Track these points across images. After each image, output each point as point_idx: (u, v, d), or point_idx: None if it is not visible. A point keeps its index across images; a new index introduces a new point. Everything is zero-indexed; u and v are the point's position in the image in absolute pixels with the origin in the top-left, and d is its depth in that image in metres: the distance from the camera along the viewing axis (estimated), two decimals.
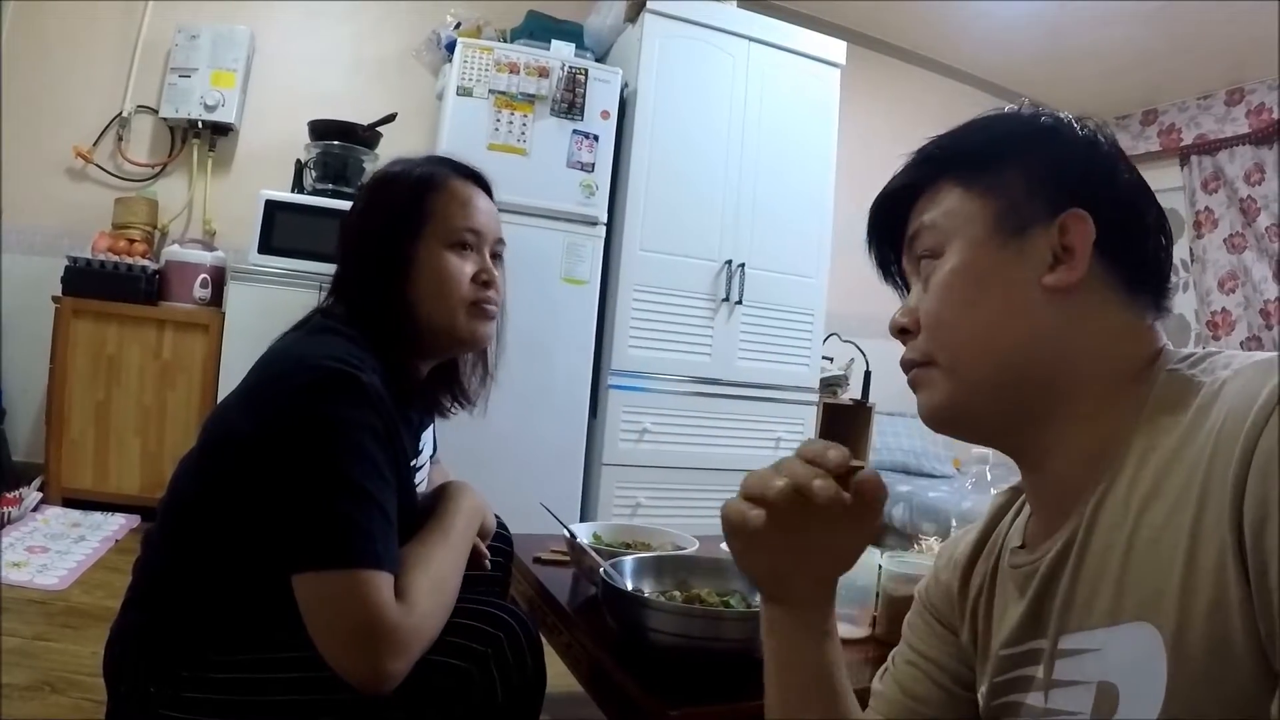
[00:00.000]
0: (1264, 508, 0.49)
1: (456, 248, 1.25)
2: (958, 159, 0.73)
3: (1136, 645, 0.56)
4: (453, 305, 1.23)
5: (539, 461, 3.31)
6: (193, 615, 1.05)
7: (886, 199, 0.78)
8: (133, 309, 3.24)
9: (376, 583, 0.95)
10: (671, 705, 1.07)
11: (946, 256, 0.71)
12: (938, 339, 0.71)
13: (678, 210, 3.58)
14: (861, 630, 1.48)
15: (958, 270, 0.70)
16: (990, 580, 0.78)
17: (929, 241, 0.72)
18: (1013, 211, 0.68)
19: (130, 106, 3.66)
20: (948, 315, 0.70)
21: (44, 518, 2.98)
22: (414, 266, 1.22)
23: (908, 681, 0.84)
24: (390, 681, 0.95)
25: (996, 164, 0.70)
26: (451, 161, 1.33)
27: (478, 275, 1.26)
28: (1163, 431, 0.60)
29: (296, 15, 3.93)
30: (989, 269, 0.69)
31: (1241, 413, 0.53)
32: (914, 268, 0.76)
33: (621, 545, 1.67)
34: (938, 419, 0.73)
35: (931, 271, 0.72)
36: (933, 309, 0.71)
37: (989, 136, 0.73)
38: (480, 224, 1.28)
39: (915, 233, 0.74)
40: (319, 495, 0.98)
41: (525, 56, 3.43)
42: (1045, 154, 0.70)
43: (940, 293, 0.70)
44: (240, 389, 1.11)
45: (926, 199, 0.74)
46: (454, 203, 1.26)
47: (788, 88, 3.81)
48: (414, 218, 1.24)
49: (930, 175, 0.74)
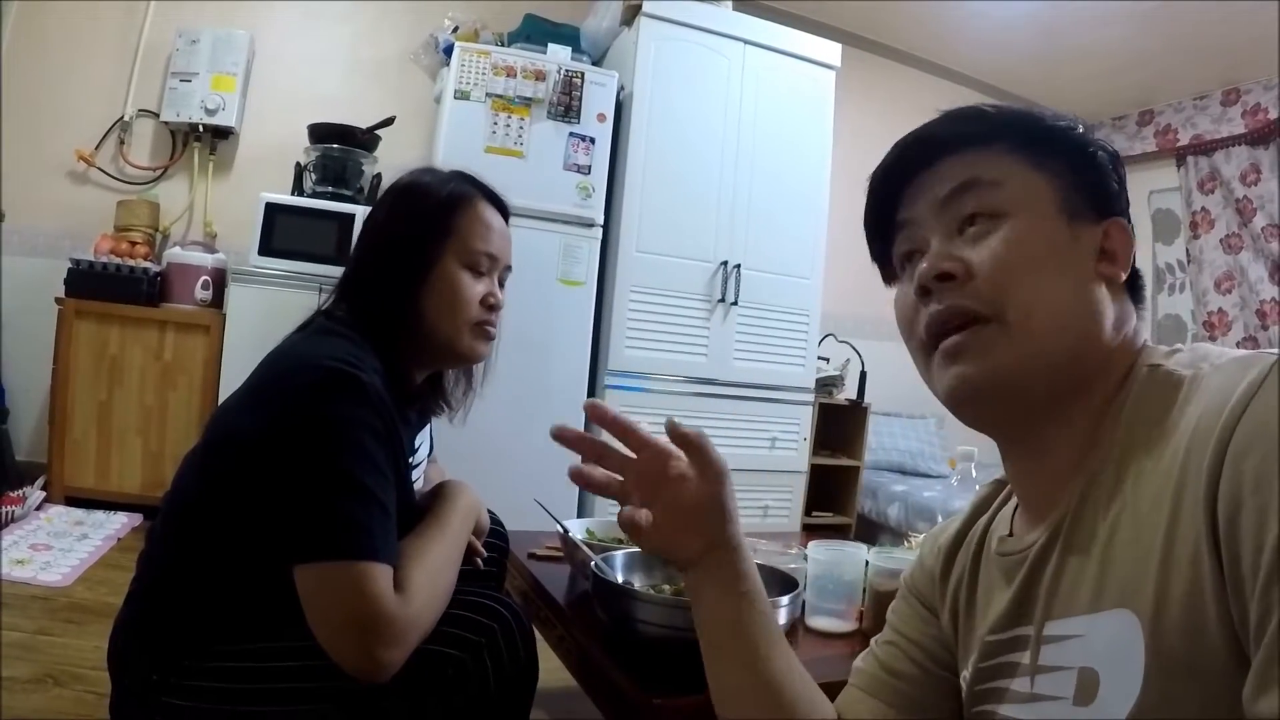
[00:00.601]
0: (1236, 498, 0.50)
1: (472, 268, 1.29)
2: (1017, 129, 0.72)
3: (1116, 631, 0.58)
4: (459, 323, 1.27)
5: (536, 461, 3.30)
6: (196, 606, 1.08)
7: (921, 144, 0.75)
8: (134, 310, 3.26)
9: (375, 574, 0.98)
10: (657, 694, 1.10)
11: (1014, 218, 0.69)
12: (1010, 292, 0.67)
13: (674, 212, 3.60)
14: (849, 624, 1.51)
15: (1031, 237, 0.68)
16: (973, 569, 0.80)
17: (992, 199, 0.69)
18: (1071, 198, 0.69)
19: (131, 110, 3.68)
20: (1023, 273, 0.67)
21: (47, 516, 3.01)
22: (430, 278, 1.26)
23: (887, 658, 0.86)
24: (387, 670, 0.98)
25: (1053, 149, 0.71)
26: (479, 183, 1.37)
27: (486, 298, 1.30)
28: (1145, 425, 0.62)
29: (295, 19, 3.96)
30: (1059, 245, 0.68)
31: (1217, 407, 0.54)
32: (945, 222, 0.72)
33: (613, 540, 1.69)
34: (993, 386, 0.68)
35: (990, 230, 0.69)
36: (1004, 262, 0.67)
37: (1043, 123, 0.73)
38: (497, 249, 1.33)
39: (966, 184, 0.70)
40: (321, 491, 1.00)
41: (522, 60, 3.46)
42: (1090, 158, 0.71)
43: (1013, 250, 0.67)
44: (244, 388, 1.14)
45: (975, 156, 0.71)
46: (479, 224, 1.31)
47: (783, 90, 3.83)
48: (439, 231, 1.28)
49: (984, 134, 0.72)
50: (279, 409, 1.05)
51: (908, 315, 0.75)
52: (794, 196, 3.81)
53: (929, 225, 0.73)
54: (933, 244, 0.72)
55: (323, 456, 1.01)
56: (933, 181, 0.73)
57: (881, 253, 0.80)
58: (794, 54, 3.86)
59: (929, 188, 0.73)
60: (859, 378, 4.24)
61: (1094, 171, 0.71)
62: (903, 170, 0.75)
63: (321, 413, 1.03)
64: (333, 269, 2.26)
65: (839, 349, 4.31)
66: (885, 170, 0.77)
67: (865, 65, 4.85)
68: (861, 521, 4.29)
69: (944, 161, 0.72)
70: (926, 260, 0.71)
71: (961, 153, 0.72)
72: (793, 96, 3.85)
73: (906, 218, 0.75)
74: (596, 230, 3.54)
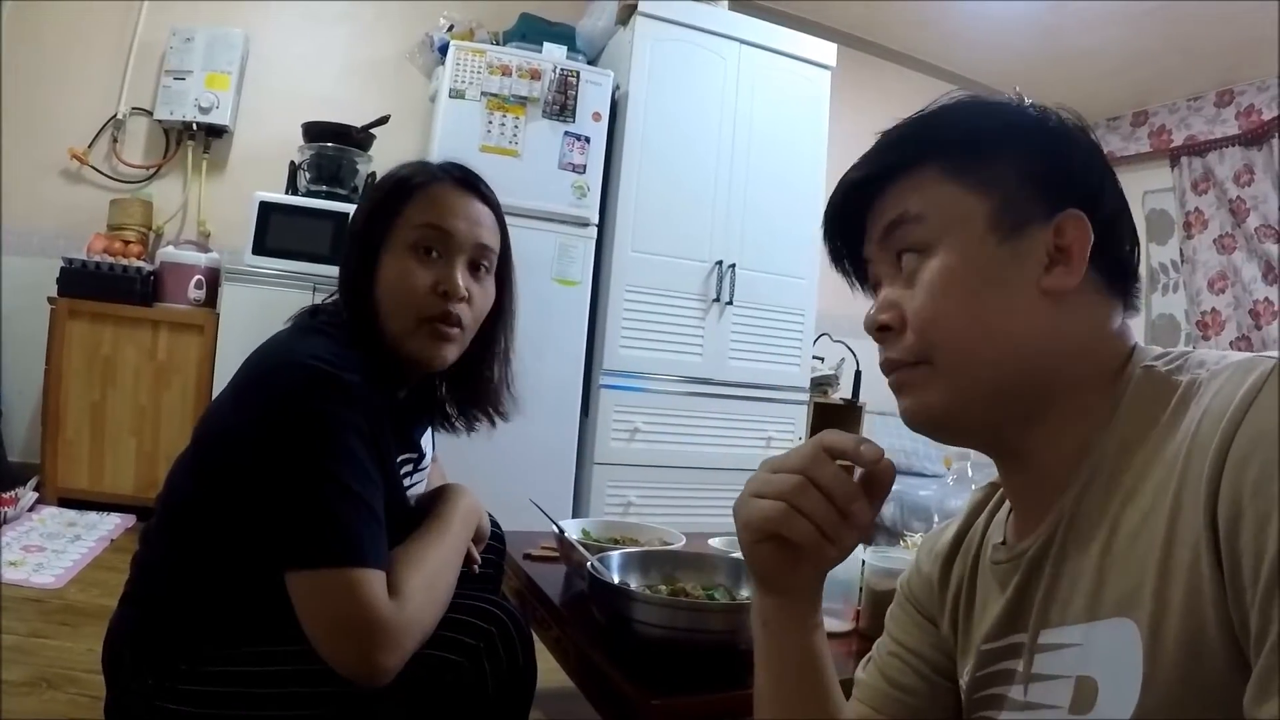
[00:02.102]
0: (1237, 504, 0.49)
1: (419, 251, 1.17)
2: (945, 145, 0.69)
3: (1115, 640, 0.57)
4: (408, 319, 1.16)
5: (531, 461, 3.32)
6: (190, 609, 1.07)
7: (853, 186, 0.72)
8: (128, 310, 3.25)
9: (366, 579, 0.96)
10: (655, 695, 1.10)
11: (938, 252, 0.67)
12: (933, 338, 0.67)
13: (669, 211, 3.61)
14: (846, 624, 1.51)
15: (954, 269, 0.66)
16: (970, 575, 0.79)
17: (916, 234, 0.68)
18: (1008, 208, 0.66)
19: (125, 109, 3.67)
20: (945, 315, 0.66)
21: (40, 517, 2.99)
22: (379, 270, 1.17)
23: (890, 671, 0.85)
24: (384, 675, 0.97)
25: (989, 155, 0.67)
26: (446, 165, 1.25)
27: (436, 285, 1.17)
28: (1140, 429, 0.61)
29: (291, 18, 3.95)
30: (987, 269, 0.66)
31: (1218, 412, 0.53)
32: (887, 260, 0.71)
33: (609, 541, 1.69)
34: (930, 422, 0.70)
35: (918, 267, 0.68)
36: (926, 307, 0.67)
37: (979, 124, 0.70)
38: (449, 225, 1.18)
39: (894, 222, 0.69)
40: (306, 495, 0.99)
41: (517, 59, 3.46)
42: (1038, 148, 0.67)
43: (934, 291, 0.67)
44: (229, 388, 1.12)
45: (905, 186, 0.69)
46: (426, 201, 1.19)
47: (778, 90, 3.83)
48: (383, 217, 1.18)
49: (909, 159, 0.69)
50: (261, 411, 1.03)
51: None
52: (789, 196, 3.81)
53: (876, 261, 0.73)
54: (880, 281, 0.73)
55: (307, 459, 0.99)
56: (872, 219, 0.72)
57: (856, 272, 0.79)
58: (789, 54, 3.87)
59: (870, 226, 0.73)
60: (854, 377, 4.26)
61: (1042, 161, 0.67)
62: (848, 214, 0.75)
63: (303, 414, 1.00)
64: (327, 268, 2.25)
65: (834, 348, 4.31)
66: (831, 218, 0.76)
67: (860, 65, 4.85)
68: None
69: (884, 195, 0.71)
70: (871, 307, 0.72)
71: (897, 181, 0.70)
72: (788, 96, 3.86)
73: (866, 255, 0.75)
74: (591, 230, 3.54)
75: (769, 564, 0.73)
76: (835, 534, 0.68)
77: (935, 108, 0.72)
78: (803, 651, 0.76)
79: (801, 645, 0.76)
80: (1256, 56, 4.35)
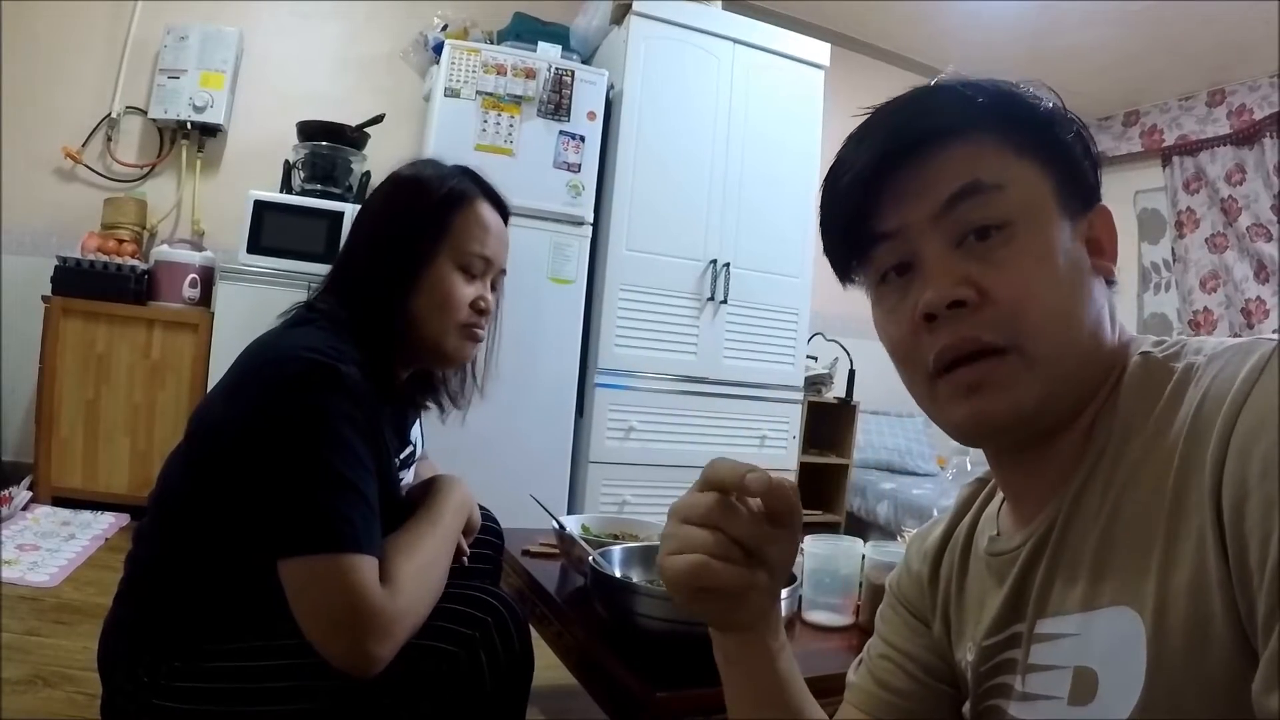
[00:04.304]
0: (1243, 487, 0.48)
1: (465, 270, 1.27)
2: (1005, 115, 0.65)
3: (1116, 629, 0.56)
4: (447, 324, 1.26)
5: (526, 460, 3.33)
6: (184, 606, 1.08)
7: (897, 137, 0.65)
8: (122, 309, 3.23)
9: (359, 566, 0.97)
10: (659, 688, 1.10)
11: (1023, 228, 0.62)
12: (1028, 322, 0.61)
13: (663, 210, 3.61)
14: (845, 618, 1.51)
15: (1046, 246, 0.62)
16: (960, 571, 0.78)
17: (995, 207, 0.62)
18: (1066, 190, 0.64)
19: (119, 107, 3.65)
20: (1043, 296, 0.61)
21: (34, 516, 2.98)
22: (422, 277, 1.24)
23: (881, 674, 0.83)
24: (375, 664, 0.97)
25: (1042, 134, 0.65)
26: (481, 181, 1.35)
27: (476, 302, 1.28)
28: (1138, 416, 0.60)
29: (285, 16, 3.94)
30: (1071, 252, 0.63)
31: (1219, 394, 0.52)
32: (941, 233, 0.64)
33: (609, 536, 1.70)
34: (1013, 421, 0.63)
35: (1002, 244, 0.62)
36: (1022, 284, 0.61)
37: (1039, 104, 0.66)
38: (492, 252, 1.30)
39: (964, 191, 0.63)
40: (301, 484, 1.00)
41: (512, 58, 3.46)
42: (1080, 140, 0.66)
43: (1031, 269, 0.61)
44: (223, 382, 1.13)
45: (966, 149, 0.64)
46: (476, 226, 1.29)
47: (772, 89, 3.84)
48: (434, 230, 1.25)
49: (969, 120, 0.64)
50: (257, 401, 1.04)
51: (904, 339, 0.67)
52: (783, 195, 3.81)
53: (925, 236, 0.64)
54: (929, 258, 0.64)
55: (303, 449, 1.01)
56: (920, 185, 0.64)
57: (846, 258, 0.71)
58: (783, 53, 3.87)
59: (918, 192, 0.64)
60: (848, 376, 4.27)
61: (1084, 146, 0.66)
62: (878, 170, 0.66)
63: (299, 405, 1.02)
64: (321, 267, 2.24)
65: (828, 348, 4.33)
66: (858, 173, 0.67)
67: (854, 65, 4.86)
68: (851, 519, 4.31)
69: (932, 159, 0.64)
70: (931, 284, 0.63)
71: (948, 146, 0.63)
72: (782, 96, 3.86)
73: (894, 227, 0.65)
74: (586, 228, 3.54)
75: (712, 612, 0.69)
76: (761, 560, 0.63)
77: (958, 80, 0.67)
78: (774, 680, 0.73)
79: (772, 675, 0.72)
80: (1248, 56, 4.38)
